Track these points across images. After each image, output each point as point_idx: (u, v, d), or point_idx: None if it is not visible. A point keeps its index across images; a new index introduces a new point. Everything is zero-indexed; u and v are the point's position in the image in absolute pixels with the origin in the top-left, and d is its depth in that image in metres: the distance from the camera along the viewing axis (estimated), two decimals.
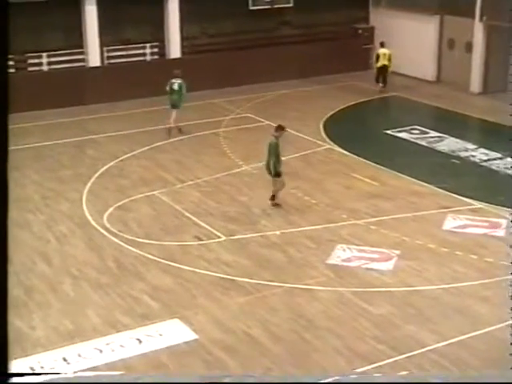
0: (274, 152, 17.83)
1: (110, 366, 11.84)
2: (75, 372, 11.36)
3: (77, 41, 27.44)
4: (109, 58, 28.17)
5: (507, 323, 12.93)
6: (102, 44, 27.72)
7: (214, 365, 11.89)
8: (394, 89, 29.14)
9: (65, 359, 12.08)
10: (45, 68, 27.16)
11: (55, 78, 26.78)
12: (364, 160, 21.31)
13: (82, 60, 27.78)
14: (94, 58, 27.57)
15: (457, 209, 17.93)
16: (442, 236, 16.63)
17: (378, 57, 28.99)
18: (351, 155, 21.74)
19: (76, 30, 27.33)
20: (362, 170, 20.50)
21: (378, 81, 29.00)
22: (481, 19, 27.95)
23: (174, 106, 23.53)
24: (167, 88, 23.59)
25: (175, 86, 23.55)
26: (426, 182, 19.53)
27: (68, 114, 25.83)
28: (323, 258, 15.51)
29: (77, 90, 26.87)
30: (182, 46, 29.14)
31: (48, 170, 20.63)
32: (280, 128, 18.27)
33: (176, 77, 23.62)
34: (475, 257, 15.59)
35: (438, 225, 17.15)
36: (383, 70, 28.83)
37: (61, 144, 22.97)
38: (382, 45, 29.12)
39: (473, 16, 28.13)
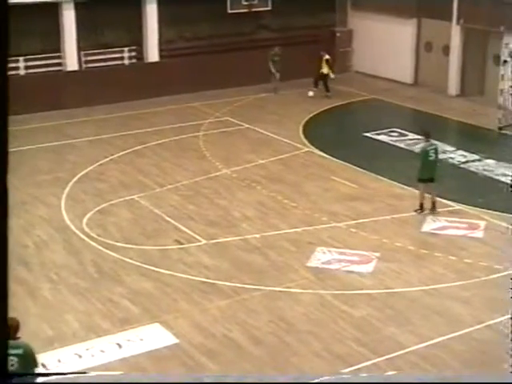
0: (421, 157, 18.10)
1: (90, 372, 11.76)
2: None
3: (54, 45, 27.26)
4: (86, 62, 28.01)
5: (486, 324, 13.03)
6: (80, 48, 27.56)
7: (195, 369, 11.86)
8: (373, 92, 29.23)
9: (44, 365, 11.96)
10: (22, 72, 26.94)
11: (32, 82, 26.57)
12: (343, 163, 21.36)
13: (60, 64, 27.61)
14: (71, 62, 27.41)
15: (436, 210, 18.01)
16: (422, 238, 16.71)
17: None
18: (330, 158, 21.78)
19: (53, 34, 27.15)
20: (341, 173, 20.55)
21: (316, 85, 28.59)
22: (458, 22, 28.11)
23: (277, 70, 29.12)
24: (270, 59, 28.99)
25: (275, 58, 28.94)
26: (405, 185, 19.61)
27: (45, 118, 25.65)
28: (303, 261, 15.52)
29: (54, 94, 26.70)
30: (160, 50, 29.04)
31: (25, 175, 20.39)
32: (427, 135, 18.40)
33: (275, 46, 29.23)
34: (454, 258, 15.67)
35: (418, 227, 17.23)
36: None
37: (38, 149, 22.82)
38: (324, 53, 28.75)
39: (450, 19, 28.29)
